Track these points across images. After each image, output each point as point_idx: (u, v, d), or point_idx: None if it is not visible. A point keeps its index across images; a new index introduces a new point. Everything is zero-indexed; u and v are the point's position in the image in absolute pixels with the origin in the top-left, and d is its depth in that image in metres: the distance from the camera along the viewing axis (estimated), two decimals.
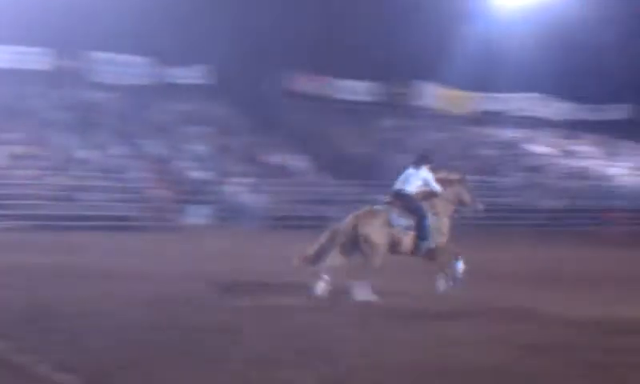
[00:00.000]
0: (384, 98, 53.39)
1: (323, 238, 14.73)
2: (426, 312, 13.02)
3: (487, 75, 51.63)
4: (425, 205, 15.01)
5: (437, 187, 15.15)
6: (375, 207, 15.16)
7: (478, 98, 56.19)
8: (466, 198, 15.59)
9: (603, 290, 16.68)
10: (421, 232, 14.78)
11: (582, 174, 51.66)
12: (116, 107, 43.42)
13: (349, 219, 14.71)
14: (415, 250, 14.90)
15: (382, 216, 14.70)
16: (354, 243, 14.45)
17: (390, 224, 14.61)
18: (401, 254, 14.89)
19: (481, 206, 15.75)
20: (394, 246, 14.67)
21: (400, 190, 15.09)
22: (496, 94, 56.35)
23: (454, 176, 15.79)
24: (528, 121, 56.84)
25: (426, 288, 14.97)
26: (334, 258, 14.46)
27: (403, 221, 14.73)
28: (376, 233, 14.42)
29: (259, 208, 37.33)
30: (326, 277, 14.22)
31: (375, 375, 8.88)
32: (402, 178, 15.27)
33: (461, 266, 14.89)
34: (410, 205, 14.92)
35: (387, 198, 15.28)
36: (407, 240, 14.73)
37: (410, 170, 15.25)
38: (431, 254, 15.00)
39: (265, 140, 44.72)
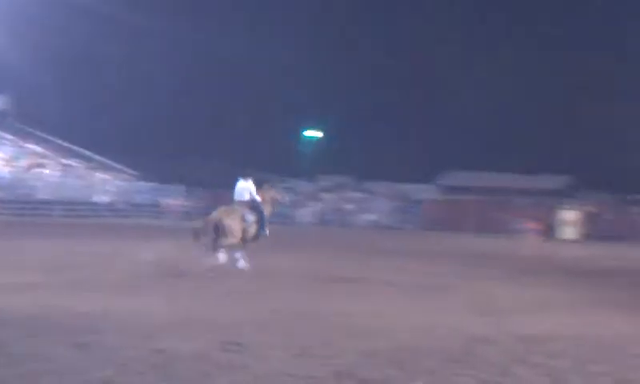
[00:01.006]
0: None
1: (198, 224, 21.30)
2: None
3: None
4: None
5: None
6: (233, 207, 21.20)
7: None
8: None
9: None
10: (261, 224, 21.18)
11: None
12: None
13: (216, 213, 20.82)
14: (255, 237, 21.18)
15: (238, 212, 20.88)
16: (218, 229, 20.28)
17: (243, 218, 20.79)
18: (246, 241, 20.94)
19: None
20: (244, 234, 20.73)
21: (242, 199, 21.27)
22: None
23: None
24: None
25: None
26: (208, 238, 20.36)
27: (251, 217, 20.99)
28: (234, 224, 20.53)
29: None
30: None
31: None
32: (237, 189, 21.48)
33: None
34: (254, 206, 21.23)
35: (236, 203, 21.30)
36: (252, 230, 20.97)
37: (241, 183, 21.51)
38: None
39: None
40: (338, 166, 69.07)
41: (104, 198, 58.11)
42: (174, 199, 58.88)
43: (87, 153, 62.50)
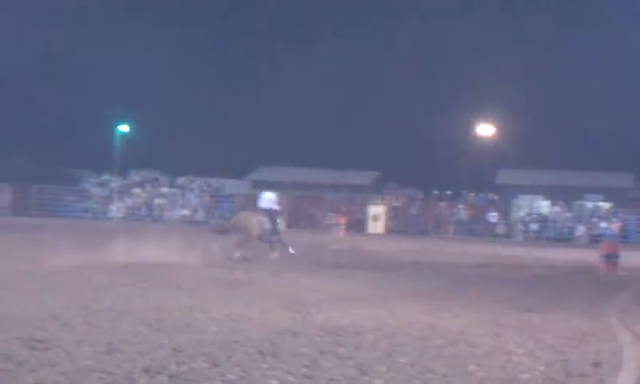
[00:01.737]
0: None
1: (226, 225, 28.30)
2: None
3: None
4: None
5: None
6: (253, 212, 26.85)
7: None
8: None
9: None
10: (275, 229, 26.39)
11: None
12: None
13: (241, 216, 27.14)
14: (268, 238, 25.95)
15: (256, 217, 26.06)
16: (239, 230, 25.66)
17: (260, 223, 25.76)
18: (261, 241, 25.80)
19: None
20: (259, 234, 25.66)
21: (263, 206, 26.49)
22: None
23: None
24: None
25: None
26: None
27: (266, 223, 25.88)
28: (253, 226, 25.65)
29: None
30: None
31: None
32: (262, 198, 27.00)
33: None
34: (270, 214, 26.28)
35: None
36: (265, 232, 25.80)
37: (266, 194, 27.10)
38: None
39: None
40: (150, 161, 68.49)
41: None
42: None
43: None
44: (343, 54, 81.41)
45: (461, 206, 58.24)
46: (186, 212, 61.25)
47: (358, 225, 53.92)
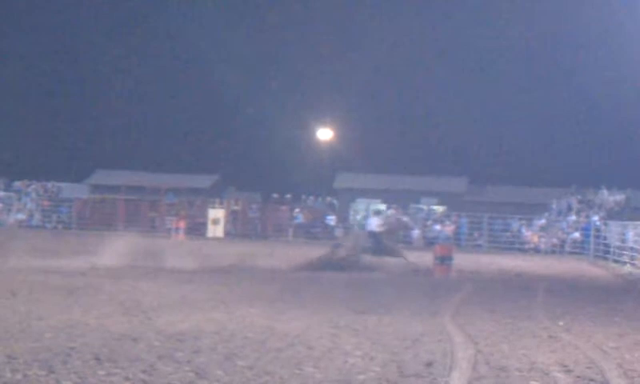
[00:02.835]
0: None
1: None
2: None
3: None
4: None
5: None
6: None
7: None
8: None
9: None
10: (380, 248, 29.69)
11: None
12: None
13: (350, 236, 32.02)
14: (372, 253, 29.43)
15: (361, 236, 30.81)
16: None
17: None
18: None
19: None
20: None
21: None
22: None
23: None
24: None
25: None
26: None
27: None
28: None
29: None
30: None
31: None
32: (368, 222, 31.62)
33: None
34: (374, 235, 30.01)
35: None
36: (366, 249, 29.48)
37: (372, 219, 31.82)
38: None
39: None
40: None
41: None
42: None
43: None
44: (182, 55, 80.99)
45: (299, 209, 58.66)
46: (21, 216, 59.72)
47: (197, 228, 53.68)
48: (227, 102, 76.87)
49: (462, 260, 30.01)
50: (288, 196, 62.42)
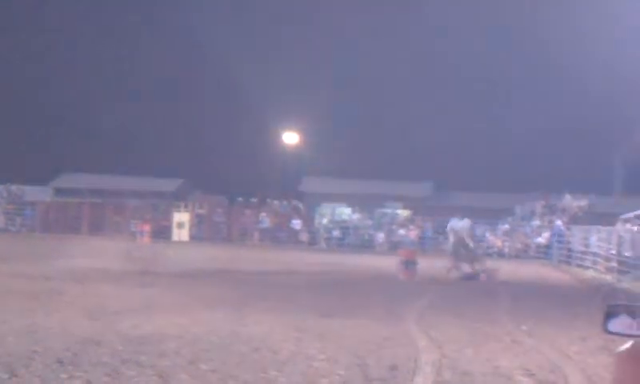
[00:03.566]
0: None
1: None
2: None
3: None
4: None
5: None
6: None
7: None
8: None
9: None
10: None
11: None
12: None
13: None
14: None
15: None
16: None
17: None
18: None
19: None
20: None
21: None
22: None
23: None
24: None
25: None
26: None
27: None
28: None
29: None
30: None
31: None
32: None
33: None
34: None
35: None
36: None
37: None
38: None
39: None
40: None
41: None
42: None
43: None
44: (146, 58, 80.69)
45: (265, 213, 58.65)
46: None
47: (162, 232, 53.51)
48: (191, 105, 76.74)
49: (427, 264, 30.09)
50: (254, 200, 62.37)
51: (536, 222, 52.07)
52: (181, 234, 55.30)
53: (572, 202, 52.84)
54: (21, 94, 78.38)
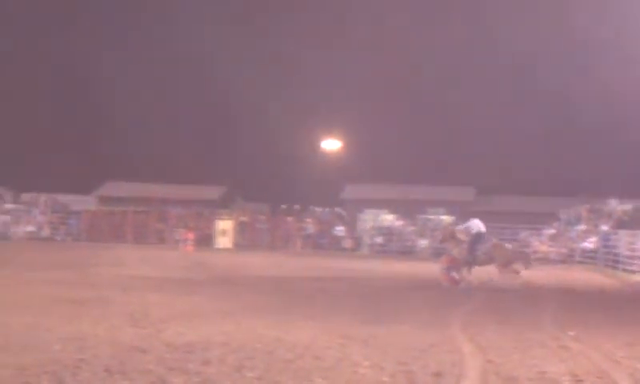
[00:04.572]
0: None
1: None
2: None
3: None
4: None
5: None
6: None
7: None
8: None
9: None
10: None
11: None
12: None
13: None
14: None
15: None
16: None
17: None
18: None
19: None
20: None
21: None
22: None
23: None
24: None
25: None
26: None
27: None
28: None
29: None
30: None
31: None
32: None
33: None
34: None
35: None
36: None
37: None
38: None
39: None
40: None
41: None
42: None
43: None
44: (191, 68, 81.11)
45: (308, 220, 58.71)
46: (31, 228, 59.86)
47: (206, 240, 53.73)
48: (235, 113, 76.95)
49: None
50: (296, 207, 62.47)
51: (581, 227, 51.62)
52: (224, 242, 55.47)
53: (617, 206, 52.34)
54: (65, 104, 79.11)
